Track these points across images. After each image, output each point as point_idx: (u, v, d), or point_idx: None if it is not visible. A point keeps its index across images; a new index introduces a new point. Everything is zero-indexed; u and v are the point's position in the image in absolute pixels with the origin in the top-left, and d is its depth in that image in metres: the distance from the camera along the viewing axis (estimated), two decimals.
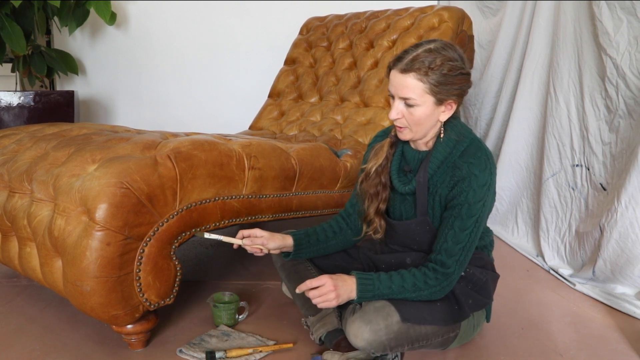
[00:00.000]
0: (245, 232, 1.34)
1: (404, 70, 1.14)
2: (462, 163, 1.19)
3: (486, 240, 1.39)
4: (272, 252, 1.38)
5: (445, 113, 1.20)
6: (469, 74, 1.19)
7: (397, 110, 1.18)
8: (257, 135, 2.45)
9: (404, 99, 1.17)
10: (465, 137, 1.22)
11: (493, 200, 1.25)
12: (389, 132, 1.36)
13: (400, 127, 1.22)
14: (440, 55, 1.13)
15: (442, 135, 1.23)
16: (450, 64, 1.14)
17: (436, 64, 1.12)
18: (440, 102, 1.17)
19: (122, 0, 3.45)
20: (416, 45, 1.17)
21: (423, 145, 1.27)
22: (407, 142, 1.31)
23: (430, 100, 1.16)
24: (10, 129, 1.97)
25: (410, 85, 1.14)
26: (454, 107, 1.21)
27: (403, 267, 1.29)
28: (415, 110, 1.17)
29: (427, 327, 1.22)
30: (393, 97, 1.20)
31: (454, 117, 1.25)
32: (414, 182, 1.26)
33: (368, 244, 1.51)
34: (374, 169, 1.33)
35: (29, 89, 3.38)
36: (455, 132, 1.23)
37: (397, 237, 1.38)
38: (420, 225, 1.29)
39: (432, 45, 1.15)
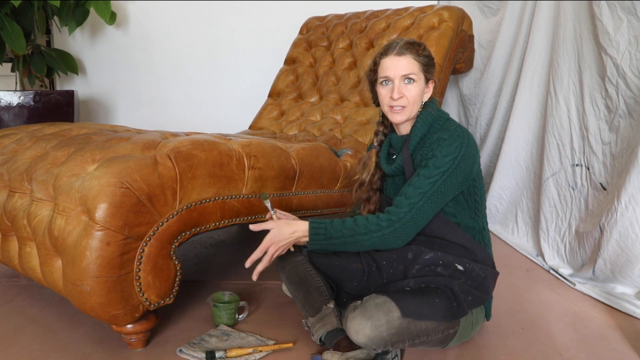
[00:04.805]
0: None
1: (401, 53, 1.29)
2: (435, 134, 1.30)
3: (479, 223, 1.38)
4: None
5: (427, 94, 1.36)
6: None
7: (399, 89, 1.30)
8: (257, 135, 2.45)
9: (406, 76, 1.29)
10: (441, 117, 1.34)
11: (472, 167, 1.29)
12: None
13: (399, 109, 1.32)
14: (420, 43, 1.33)
15: (420, 111, 1.35)
16: (428, 49, 1.33)
17: (422, 48, 1.32)
18: (426, 81, 1.34)
19: (122, 0, 3.45)
20: (395, 40, 1.33)
21: (408, 127, 1.37)
22: (394, 131, 1.43)
23: (422, 78, 1.32)
24: (10, 128, 1.97)
25: (410, 63, 1.29)
26: (432, 88, 1.37)
27: (404, 263, 1.33)
28: (414, 86, 1.30)
29: (427, 323, 1.23)
30: (386, 83, 1.32)
31: (430, 100, 1.37)
32: (399, 161, 1.35)
33: None
34: (367, 179, 1.45)
35: (29, 88, 3.38)
36: (433, 109, 1.35)
37: None
38: None
39: (406, 38, 1.34)
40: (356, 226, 1.24)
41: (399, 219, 1.23)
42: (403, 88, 1.30)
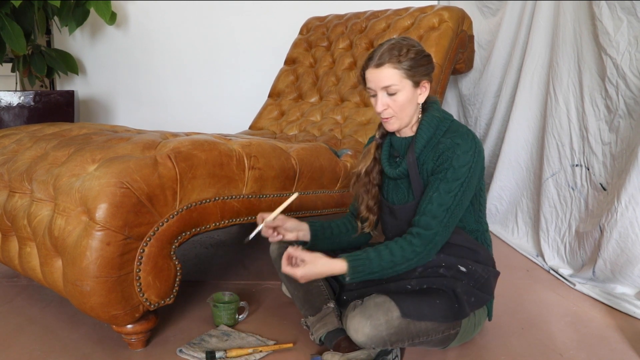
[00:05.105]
0: (265, 214, 1.36)
1: (379, 65, 1.24)
2: (445, 139, 1.27)
3: (482, 225, 1.39)
4: (286, 237, 1.37)
5: (422, 95, 1.30)
6: (430, 56, 1.30)
7: (382, 102, 1.27)
8: (257, 135, 2.45)
9: (386, 88, 1.25)
10: (446, 118, 1.32)
11: (482, 171, 1.31)
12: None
13: (387, 118, 1.30)
14: (404, 45, 1.25)
15: (422, 115, 1.32)
16: (414, 49, 1.26)
17: (403, 52, 1.24)
18: (416, 84, 1.27)
19: (122, 0, 3.45)
20: (380, 45, 1.27)
21: (409, 131, 1.35)
22: (393, 133, 1.39)
23: (408, 84, 1.26)
24: (10, 128, 1.97)
25: (388, 75, 1.24)
26: (428, 87, 1.31)
27: None
28: (398, 97, 1.26)
29: (427, 323, 1.23)
30: (374, 95, 1.29)
31: (433, 101, 1.34)
32: (404, 165, 1.33)
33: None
34: (363, 170, 1.42)
35: (29, 88, 3.38)
36: (437, 111, 1.32)
37: (397, 225, 1.38)
38: None
39: (393, 41, 1.27)
40: (393, 257, 1.22)
41: (431, 240, 1.23)
42: (387, 99, 1.26)
